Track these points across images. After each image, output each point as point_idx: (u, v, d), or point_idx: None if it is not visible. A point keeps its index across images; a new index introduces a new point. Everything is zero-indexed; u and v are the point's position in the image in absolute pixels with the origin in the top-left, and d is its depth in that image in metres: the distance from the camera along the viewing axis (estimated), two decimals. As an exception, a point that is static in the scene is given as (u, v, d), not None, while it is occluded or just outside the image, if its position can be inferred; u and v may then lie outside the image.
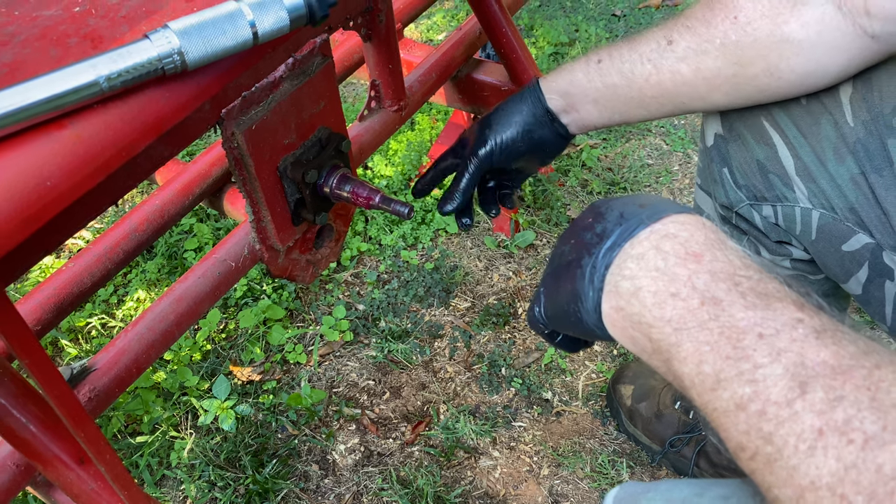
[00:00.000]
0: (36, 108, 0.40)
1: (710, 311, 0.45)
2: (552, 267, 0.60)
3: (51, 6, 0.50)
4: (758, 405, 0.40)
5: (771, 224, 0.83)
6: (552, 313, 0.60)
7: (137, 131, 0.43)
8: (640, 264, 0.49)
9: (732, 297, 0.44)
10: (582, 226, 0.56)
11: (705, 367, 0.44)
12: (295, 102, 0.69)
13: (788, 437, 0.39)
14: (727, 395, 0.42)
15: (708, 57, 0.74)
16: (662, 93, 0.79)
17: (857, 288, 0.77)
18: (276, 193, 0.74)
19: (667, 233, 0.50)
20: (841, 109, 0.73)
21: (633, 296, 0.49)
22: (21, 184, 0.38)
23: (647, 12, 2.34)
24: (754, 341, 0.42)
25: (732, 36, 0.72)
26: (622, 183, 1.78)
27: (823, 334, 0.41)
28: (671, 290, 0.47)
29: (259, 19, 0.47)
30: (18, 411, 0.63)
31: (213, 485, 1.26)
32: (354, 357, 1.46)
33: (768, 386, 0.40)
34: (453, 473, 1.28)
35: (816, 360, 0.40)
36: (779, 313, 0.43)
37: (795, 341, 0.41)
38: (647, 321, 0.47)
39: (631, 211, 0.53)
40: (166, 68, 0.45)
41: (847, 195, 0.73)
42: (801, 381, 0.39)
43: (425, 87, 1.10)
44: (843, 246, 0.76)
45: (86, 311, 1.52)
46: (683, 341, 0.45)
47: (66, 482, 0.68)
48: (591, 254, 0.53)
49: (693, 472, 1.24)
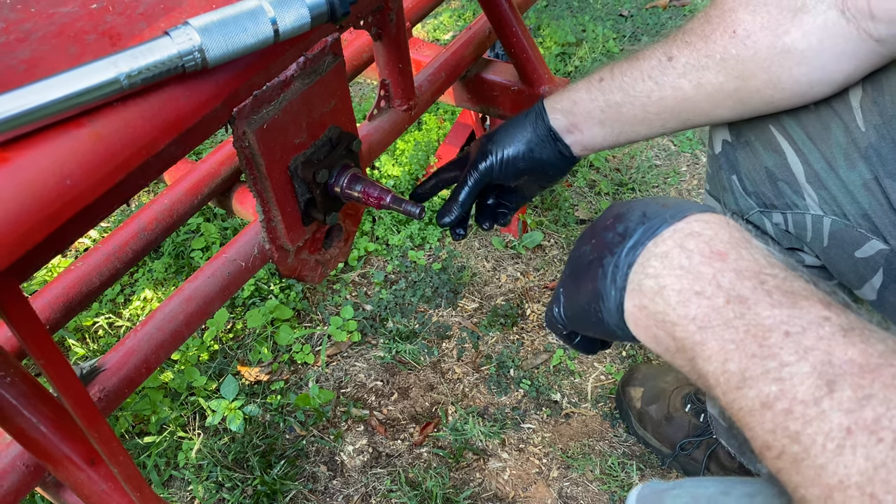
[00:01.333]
0: (55, 106, 0.39)
1: (736, 309, 0.44)
2: (571, 267, 0.60)
3: (67, 3, 0.50)
4: (784, 403, 0.40)
5: (782, 231, 0.82)
6: (572, 314, 0.60)
7: (157, 129, 0.43)
8: (664, 262, 0.49)
9: (758, 296, 0.44)
10: (602, 226, 0.56)
11: (730, 366, 0.43)
12: (306, 101, 0.69)
13: (816, 435, 0.38)
14: (753, 394, 0.42)
15: (709, 72, 0.74)
16: (665, 109, 0.79)
17: (872, 294, 0.77)
18: (287, 193, 0.73)
19: (691, 231, 0.49)
20: (852, 114, 0.72)
21: (657, 294, 0.48)
22: (41, 182, 0.37)
23: (654, 12, 2.34)
24: (780, 339, 0.42)
25: (732, 50, 0.71)
26: (630, 184, 1.78)
27: (851, 332, 0.41)
28: (696, 288, 0.46)
29: (280, 16, 0.47)
30: (29, 411, 0.62)
31: (220, 485, 1.26)
32: (362, 357, 1.45)
33: (795, 384, 0.40)
34: (462, 475, 1.27)
35: (844, 359, 0.39)
36: (805, 311, 0.42)
37: (822, 339, 0.41)
38: (672, 319, 0.47)
39: (654, 210, 0.52)
40: (187, 66, 0.44)
41: (860, 201, 0.73)
42: (829, 379, 0.39)
43: (434, 86, 1.09)
44: (857, 252, 0.75)
45: (93, 311, 1.52)
46: (708, 339, 0.45)
47: (77, 483, 0.68)
48: (613, 253, 0.52)
49: (704, 475, 1.23)
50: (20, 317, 0.45)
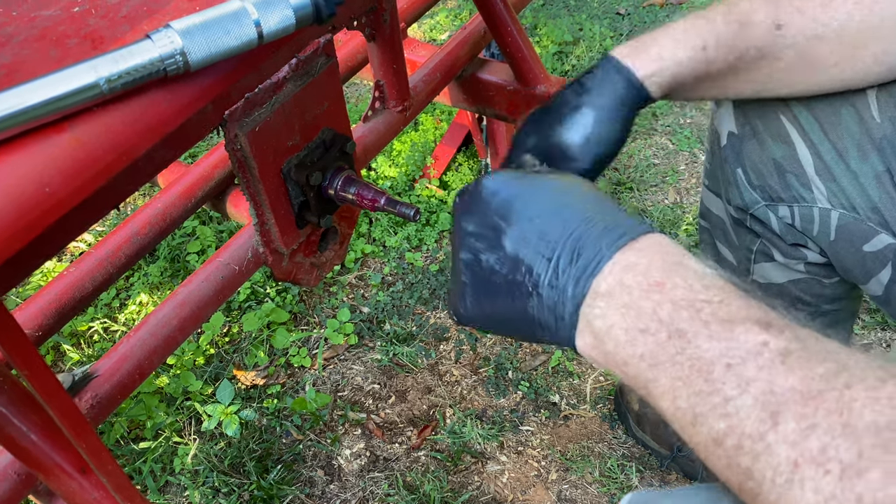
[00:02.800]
0: (35, 111, 0.38)
1: (677, 344, 0.43)
2: (472, 274, 0.55)
3: (50, 6, 0.49)
4: (734, 440, 0.39)
5: (787, 225, 0.81)
6: (486, 323, 0.57)
7: (139, 134, 0.42)
8: (608, 302, 0.48)
9: (696, 327, 0.43)
10: (517, 236, 0.52)
11: (681, 403, 0.43)
12: (299, 104, 0.68)
13: (766, 470, 0.38)
14: (705, 431, 0.41)
15: (822, 43, 0.68)
16: (757, 78, 0.72)
17: (878, 289, 0.76)
18: (280, 196, 0.73)
19: (627, 263, 0.48)
20: (867, 104, 0.71)
21: (606, 334, 0.48)
22: (19, 190, 0.36)
23: (651, 10, 2.33)
24: (723, 373, 0.41)
25: (857, 16, 0.66)
26: (628, 182, 1.77)
27: (789, 356, 0.40)
28: (640, 325, 0.46)
29: (264, 18, 0.46)
30: (19, 420, 0.62)
31: (217, 491, 1.25)
32: (359, 360, 1.44)
33: (742, 419, 0.39)
34: (460, 478, 1.26)
35: (785, 387, 0.39)
36: (742, 340, 0.42)
37: (762, 368, 0.40)
38: (623, 358, 0.47)
39: (588, 238, 0.50)
40: (168, 69, 0.43)
41: (870, 194, 0.72)
42: (773, 410, 0.38)
43: (430, 87, 1.09)
44: (865, 246, 0.74)
45: (88, 316, 1.51)
46: (659, 377, 0.44)
47: (68, 491, 0.67)
48: (548, 284, 0.50)
49: (702, 475, 1.23)
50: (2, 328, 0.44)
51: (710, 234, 0.98)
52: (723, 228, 0.93)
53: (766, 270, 0.90)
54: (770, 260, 0.89)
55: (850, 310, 0.97)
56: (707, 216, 0.97)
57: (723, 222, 0.92)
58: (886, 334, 1.41)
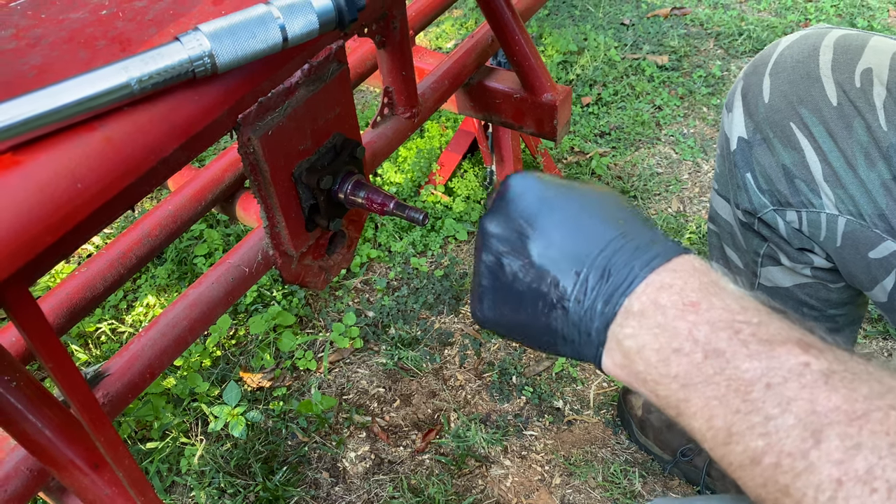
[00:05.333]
0: (67, 111, 0.40)
1: (714, 364, 0.43)
2: (492, 279, 0.54)
3: (77, 9, 0.50)
4: (772, 458, 0.39)
5: (794, 230, 0.82)
6: (505, 330, 0.55)
7: (167, 134, 0.43)
8: (640, 322, 0.47)
9: (735, 347, 0.43)
10: (548, 246, 0.51)
11: (716, 422, 0.42)
12: (310, 108, 0.69)
13: (807, 489, 0.38)
14: (740, 449, 0.41)
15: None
16: None
17: (883, 295, 0.77)
18: (291, 199, 0.74)
19: (662, 284, 0.47)
20: (875, 113, 0.72)
21: (637, 354, 0.47)
22: (53, 185, 0.37)
23: (655, 21, 2.35)
24: (762, 392, 0.41)
25: None
26: (632, 192, 1.78)
27: (832, 377, 0.40)
28: (674, 345, 0.45)
29: (289, 22, 0.47)
30: (33, 415, 0.62)
31: (223, 492, 1.26)
32: (364, 364, 1.45)
33: (781, 437, 0.39)
34: (464, 482, 1.27)
35: (829, 407, 0.39)
36: (783, 360, 0.41)
37: (804, 388, 0.40)
38: (654, 378, 0.46)
39: (620, 258, 0.49)
40: (196, 71, 0.45)
41: (877, 201, 0.73)
42: (815, 429, 0.38)
43: (437, 94, 1.10)
44: (871, 253, 0.75)
45: (95, 317, 1.52)
46: (692, 397, 0.44)
47: (81, 488, 0.68)
48: (575, 299, 0.49)
49: (705, 481, 1.23)
50: (29, 320, 0.45)
51: (719, 237, 0.99)
52: (731, 232, 0.95)
53: (773, 274, 0.92)
54: (777, 264, 0.90)
55: (855, 315, 0.98)
56: (715, 220, 0.98)
57: (731, 226, 0.94)
58: (888, 343, 1.42)
